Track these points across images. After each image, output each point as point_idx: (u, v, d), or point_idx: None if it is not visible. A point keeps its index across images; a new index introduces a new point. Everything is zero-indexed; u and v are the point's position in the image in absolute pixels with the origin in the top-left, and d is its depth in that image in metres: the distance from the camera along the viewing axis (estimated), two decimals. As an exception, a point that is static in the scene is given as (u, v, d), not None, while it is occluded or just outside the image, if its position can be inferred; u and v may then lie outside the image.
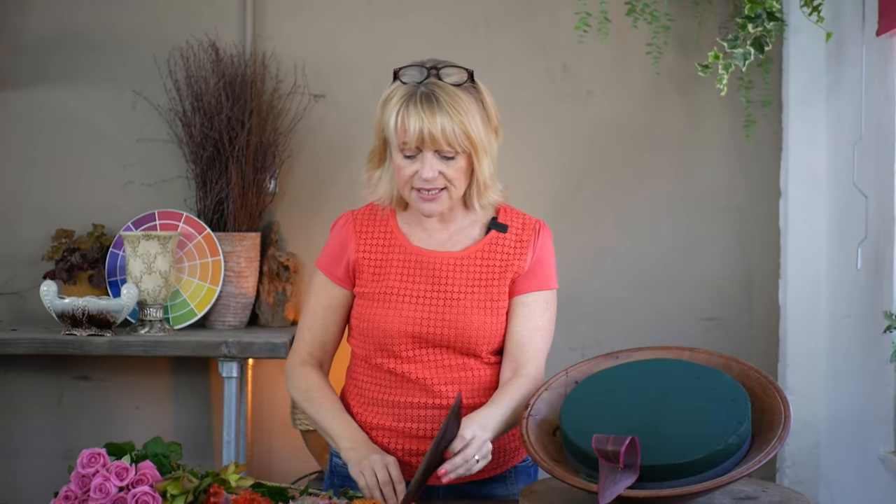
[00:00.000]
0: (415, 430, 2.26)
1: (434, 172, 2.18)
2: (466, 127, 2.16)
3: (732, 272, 3.69)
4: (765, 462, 1.90)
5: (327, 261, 2.35)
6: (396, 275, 2.27)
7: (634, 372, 2.09)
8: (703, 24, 3.61)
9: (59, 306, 3.28)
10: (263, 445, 3.69)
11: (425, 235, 2.31)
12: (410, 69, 2.21)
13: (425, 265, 2.27)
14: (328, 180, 3.66)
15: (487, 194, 2.27)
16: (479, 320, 2.25)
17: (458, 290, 2.26)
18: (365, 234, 2.31)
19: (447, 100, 2.16)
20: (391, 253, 2.29)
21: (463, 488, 2.30)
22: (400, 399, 2.26)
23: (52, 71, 3.65)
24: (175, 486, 1.97)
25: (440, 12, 3.66)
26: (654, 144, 3.68)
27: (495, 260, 2.29)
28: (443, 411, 2.25)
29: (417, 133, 2.15)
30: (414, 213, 2.32)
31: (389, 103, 2.20)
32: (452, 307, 2.24)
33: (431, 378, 2.25)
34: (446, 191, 2.22)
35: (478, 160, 2.21)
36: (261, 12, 3.66)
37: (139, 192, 3.66)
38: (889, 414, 3.07)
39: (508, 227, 2.31)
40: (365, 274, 2.29)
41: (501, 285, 2.28)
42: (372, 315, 2.26)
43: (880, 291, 3.10)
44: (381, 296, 2.26)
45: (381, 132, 2.25)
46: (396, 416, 2.26)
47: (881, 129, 3.11)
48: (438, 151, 2.17)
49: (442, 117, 2.15)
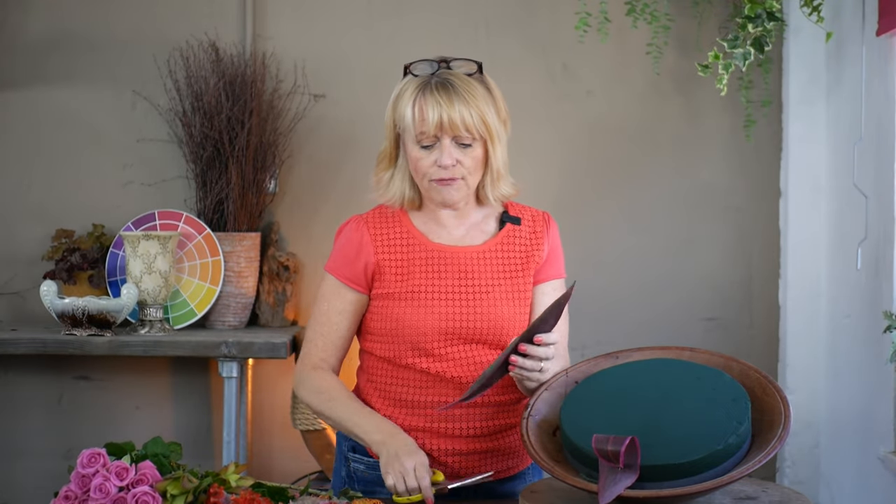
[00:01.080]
0: (450, 429, 2.26)
1: (452, 160, 2.20)
2: (483, 113, 2.20)
3: (732, 272, 3.69)
4: (765, 462, 1.90)
5: (340, 265, 2.31)
6: (422, 273, 2.26)
7: (634, 372, 2.08)
8: (703, 24, 3.61)
9: (59, 306, 3.28)
10: (263, 445, 3.69)
11: (444, 232, 2.31)
12: (421, 63, 2.25)
13: (450, 261, 2.27)
14: (328, 180, 3.66)
15: (500, 186, 2.30)
16: (509, 311, 2.26)
17: (485, 284, 2.27)
18: (381, 236, 2.30)
19: (463, 87, 2.20)
20: (412, 252, 2.28)
21: (487, 486, 2.30)
22: (433, 399, 2.25)
23: (51, 71, 3.65)
24: (175, 486, 1.97)
25: (440, 12, 3.66)
26: (654, 144, 3.68)
27: (515, 252, 2.31)
28: (477, 409, 2.26)
29: (437, 120, 2.17)
30: (428, 212, 2.32)
31: (404, 96, 2.22)
32: (482, 300, 2.25)
33: (465, 376, 2.24)
34: (463, 180, 2.24)
35: (493, 147, 2.23)
36: (261, 12, 3.66)
37: (139, 192, 3.66)
38: (889, 414, 3.07)
39: (521, 220, 2.35)
40: (387, 275, 2.27)
41: (526, 276, 2.30)
42: (401, 315, 2.25)
43: (880, 291, 3.10)
44: (408, 295, 2.25)
45: (394, 129, 2.26)
46: (430, 417, 2.26)
47: (881, 129, 3.11)
48: (456, 138, 2.20)
49: (459, 103, 2.18)
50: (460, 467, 2.26)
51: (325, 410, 2.28)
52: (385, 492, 2.27)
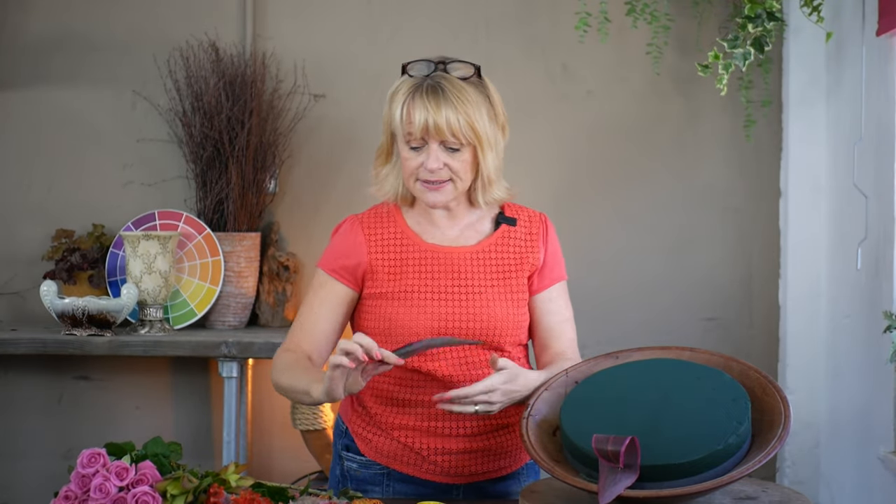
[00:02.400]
0: (441, 428, 2.25)
1: (439, 163, 2.19)
2: (471, 119, 2.18)
3: (732, 272, 3.69)
4: (765, 462, 1.90)
5: (330, 260, 2.32)
6: (414, 273, 2.26)
7: (634, 372, 2.08)
8: (703, 24, 3.61)
9: (59, 306, 3.28)
10: (263, 445, 3.69)
11: (438, 232, 2.31)
12: (418, 63, 2.24)
13: (443, 261, 2.27)
14: (328, 180, 3.66)
15: (492, 191, 2.28)
16: (503, 312, 2.26)
17: (478, 284, 2.26)
18: (375, 236, 2.30)
19: (453, 92, 2.18)
20: (406, 252, 2.28)
21: (479, 486, 2.30)
22: (425, 398, 2.25)
23: (52, 71, 3.65)
24: (175, 486, 1.97)
25: (440, 12, 3.66)
26: (653, 144, 3.68)
27: (510, 253, 2.31)
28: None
29: (423, 124, 2.17)
30: (422, 211, 2.32)
31: (396, 96, 2.22)
32: (475, 301, 2.25)
33: (457, 375, 2.24)
34: (451, 182, 2.23)
35: (482, 153, 2.22)
36: (261, 12, 3.66)
37: (139, 192, 3.66)
38: (889, 414, 3.07)
39: (517, 221, 2.34)
40: (380, 274, 2.27)
41: (520, 277, 2.29)
42: (393, 314, 2.25)
43: (880, 291, 3.10)
44: (401, 294, 2.25)
45: (389, 126, 2.26)
46: (421, 416, 2.26)
47: (881, 129, 3.11)
48: (444, 143, 2.19)
49: (447, 109, 2.17)
50: (451, 466, 2.26)
51: (281, 381, 2.21)
52: (378, 491, 2.28)
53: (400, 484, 2.29)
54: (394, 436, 2.27)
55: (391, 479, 2.29)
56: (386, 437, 2.28)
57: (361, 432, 2.32)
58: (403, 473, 2.28)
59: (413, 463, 2.27)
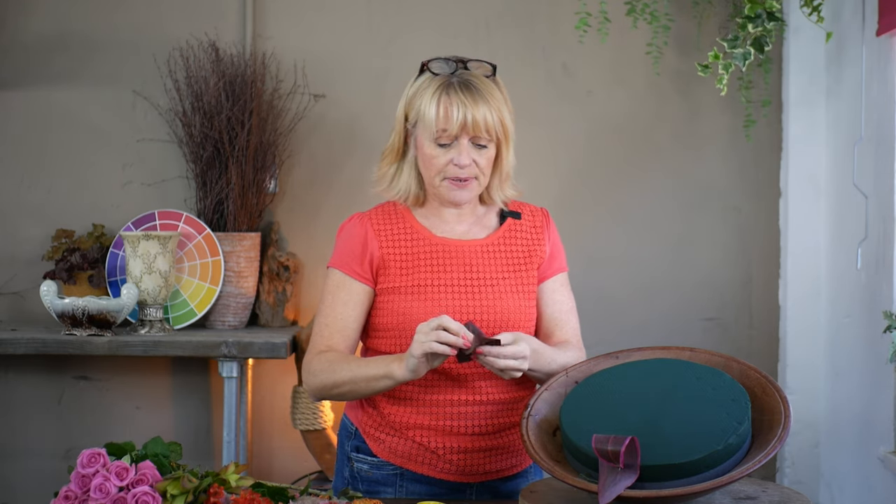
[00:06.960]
0: (455, 427, 2.25)
1: (469, 159, 2.22)
2: (503, 115, 2.24)
3: (732, 272, 3.69)
4: (765, 462, 1.90)
5: (344, 259, 2.30)
6: (426, 267, 2.27)
7: (634, 372, 2.09)
8: (703, 24, 3.61)
9: (59, 306, 3.28)
10: (263, 445, 3.69)
11: (447, 227, 2.32)
12: (438, 61, 2.27)
13: (454, 255, 2.28)
14: (328, 180, 3.66)
15: (506, 187, 2.33)
16: (515, 304, 2.27)
17: (490, 277, 2.28)
18: (384, 231, 2.30)
19: (485, 88, 2.23)
20: (416, 246, 2.28)
21: (491, 485, 2.30)
22: (439, 397, 2.25)
23: (52, 71, 3.65)
24: (175, 486, 1.97)
25: (440, 12, 3.66)
26: (653, 144, 3.68)
27: (518, 245, 2.33)
28: (482, 407, 2.26)
29: (461, 120, 2.19)
30: (431, 208, 2.33)
31: (425, 94, 2.23)
32: (488, 293, 2.26)
33: (471, 374, 2.25)
34: (476, 180, 2.26)
35: (506, 149, 2.27)
36: (261, 12, 3.66)
37: (139, 192, 3.66)
38: (889, 414, 3.07)
39: (521, 214, 2.37)
40: (392, 269, 2.27)
41: (530, 270, 2.32)
42: (407, 309, 2.25)
43: (880, 291, 3.10)
44: (414, 289, 2.25)
45: (404, 124, 2.27)
46: (435, 415, 2.25)
47: (881, 129, 3.11)
48: (474, 139, 2.22)
49: (483, 105, 2.21)
50: (466, 465, 2.26)
51: (336, 378, 2.21)
52: (391, 491, 2.28)
53: (413, 484, 2.28)
54: (408, 435, 2.27)
55: (404, 479, 2.29)
56: (400, 437, 2.28)
57: (373, 433, 2.31)
58: (417, 473, 2.28)
59: (428, 462, 2.27)
